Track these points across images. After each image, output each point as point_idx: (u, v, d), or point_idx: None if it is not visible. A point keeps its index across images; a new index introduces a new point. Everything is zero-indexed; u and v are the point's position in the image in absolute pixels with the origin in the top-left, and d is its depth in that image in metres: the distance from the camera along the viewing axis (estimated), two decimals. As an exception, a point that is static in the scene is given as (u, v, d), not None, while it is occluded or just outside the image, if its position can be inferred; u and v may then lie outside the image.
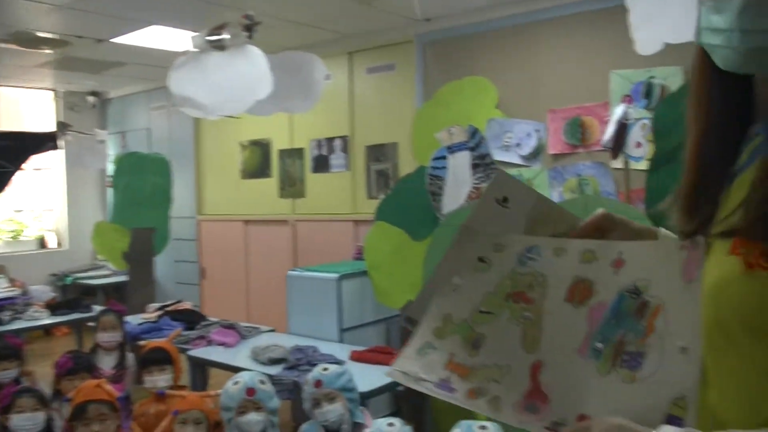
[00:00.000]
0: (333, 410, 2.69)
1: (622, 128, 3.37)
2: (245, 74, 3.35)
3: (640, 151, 3.65)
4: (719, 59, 0.77)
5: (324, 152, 5.67)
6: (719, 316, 0.82)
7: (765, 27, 0.69)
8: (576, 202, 3.41)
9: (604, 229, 1.00)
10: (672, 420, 0.83)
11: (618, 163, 3.75)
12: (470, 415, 2.32)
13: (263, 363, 3.57)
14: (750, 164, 0.82)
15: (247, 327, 4.40)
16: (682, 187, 0.92)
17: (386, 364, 3.48)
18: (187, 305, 5.06)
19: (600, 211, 1.01)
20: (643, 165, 3.58)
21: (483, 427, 2.38)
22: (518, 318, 0.92)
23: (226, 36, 3.41)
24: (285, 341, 3.89)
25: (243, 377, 2.78)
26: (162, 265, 6.66)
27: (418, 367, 0.91)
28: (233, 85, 3.37)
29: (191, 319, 4.62)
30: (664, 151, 2.90)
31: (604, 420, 0.77)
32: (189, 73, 3.39)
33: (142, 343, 4.11)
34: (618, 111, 3.54)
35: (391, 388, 3.44)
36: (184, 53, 3.51)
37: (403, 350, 0.92)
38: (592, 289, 0.90)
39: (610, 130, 3.45)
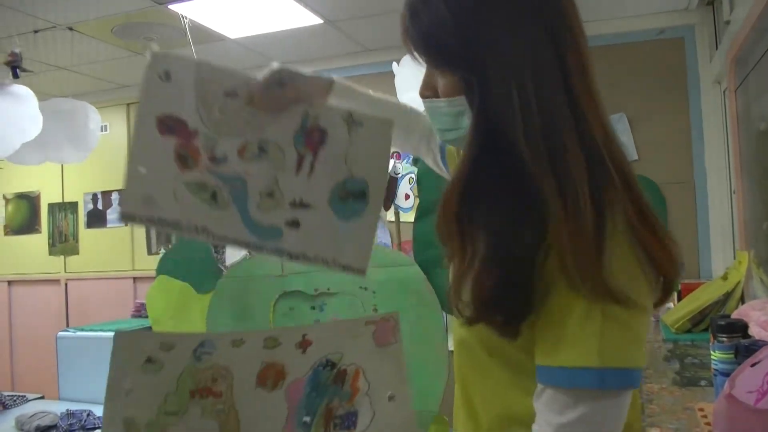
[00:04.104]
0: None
1: (392, 181, 3.65)
2: (12, 113, 3.16)
3: (409, 202, 3.98)
4: None
5: (100, 206, 5.42)
6: (467, 338, 0.96)
7: (437, 127, 0.97)
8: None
9: (284, 80, 1.03)
10: None
11: (391, 215, 4.03)
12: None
13: (30, 432, 3.29)
14: None
15: (11, 396, 4.03)
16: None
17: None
18: (-63, 377, 4.51)
19: (274, 65, 1.03)
20: (411, 215, 3.90)
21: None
22: (211, 413, 0.92)
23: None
24: (55, 408, 3.62)
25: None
26: None
27: None
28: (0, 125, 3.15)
29: (-58, 391, 4.12)
30: (426, 202, 3.19)
31: None
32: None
33: None
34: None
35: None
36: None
37: None
38: (284, 371, 0.94)
39: (381, 183, 3.71)
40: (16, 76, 3.33)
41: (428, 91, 0.94)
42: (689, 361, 2.12)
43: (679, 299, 3.12)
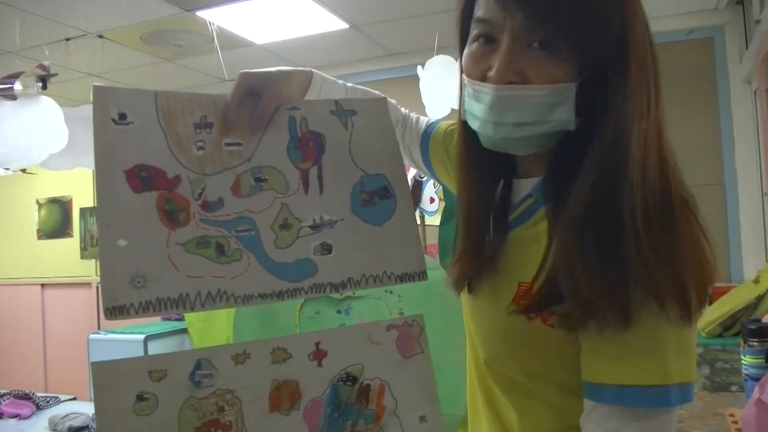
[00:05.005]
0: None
1: (417, 185, 3.65)
2: (38, 126, 3.23)
3: (434, 206, 3.97)
4: (480, 139, 0.85)
5: (130, 210, 5.50)
6: (502, 358, 0.89)
7: (510, 121, 0.79)
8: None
9: (256, 87, 0.88)
10: None
11: (416, 219, 4.03)
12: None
13: (62, 433, 3.35)
14: (523, 222, 0.88)
15: (44, 397, 4.09)
16: (459, 239, 0.94)
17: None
18: (-28, 378, 4.61)
19: (239, 73, 0.88)
20: (436, 219, 3.90)
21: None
22: None
23: (17, 86, 3.27)
24: (87, 409, 3.66)
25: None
26: (-58, 336, 6.01)
27: None
28: (25, 137, 3.22)
29: (-23, 392, 4.21)
30: (452, 205, 3.19)
31: None
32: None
33: None
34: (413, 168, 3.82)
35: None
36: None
37: None
38: (299, 389, 0.81)
39: (407, 187, 3.72)
40: (44, 87, 3.40)
41: (515, 76, 0.77)
42: (720, 366, 2.09)
43: (710, 303, 3.08)
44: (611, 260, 0.72)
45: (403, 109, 1.21)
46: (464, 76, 0.84)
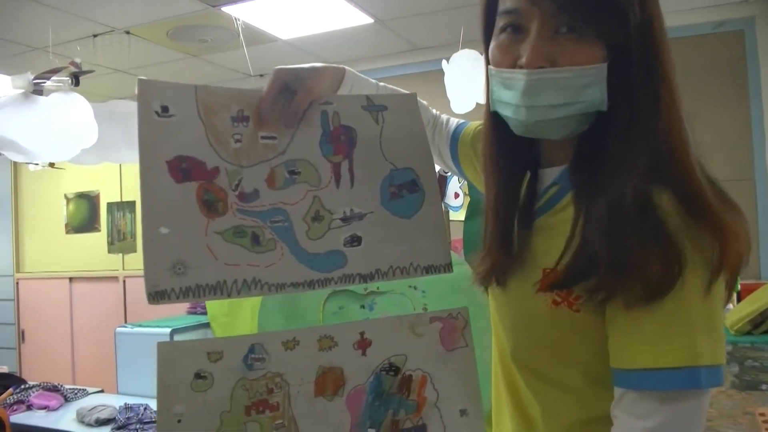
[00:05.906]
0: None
1: (442, 180, 3.63)
2: (70, 121, 3.27)
3: (458, 201, 3.94)
4: (511, 126, 0.86)
5: (156, 205, 5.55)
6: (528, 347, 0.89)
7: (543, 103, 0.80)
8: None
9: (290, 83, 0.90)
10: None
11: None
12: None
13: (90, 425, 3.39)
14: (548, 210, 0.89)
15: (72, 389, 4.16)
16: (486, 234, 0.94)
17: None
18: (2, 369, 4.69)
19: (274, 69, 0.90)
20: (461, 214, 3.88)
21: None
22: (270, 430, 0.81)
23: (48, 83, 3.31)
24: (114, 401, 3.72)
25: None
26: (-27, 328, 6.12)
27: None
28: (58, 132, 3.27)
29: (7, 383, 4.29)
30: (476, 201, 3.17)
31: None
32: (12, 116, 3.25)
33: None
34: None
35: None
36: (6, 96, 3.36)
37: None
38: (343, 376, 0.84)
39: (431, 182, 3.70)
40: (77, 83, 3.44)
41: (545, 61, 0.79)
42: (749, 365, 2.06)
43: (739, 300, 3.03)
44: (644, 231, 0.74)
45: (433, 110, 1.22)
46: (492, 67, 0.86)
